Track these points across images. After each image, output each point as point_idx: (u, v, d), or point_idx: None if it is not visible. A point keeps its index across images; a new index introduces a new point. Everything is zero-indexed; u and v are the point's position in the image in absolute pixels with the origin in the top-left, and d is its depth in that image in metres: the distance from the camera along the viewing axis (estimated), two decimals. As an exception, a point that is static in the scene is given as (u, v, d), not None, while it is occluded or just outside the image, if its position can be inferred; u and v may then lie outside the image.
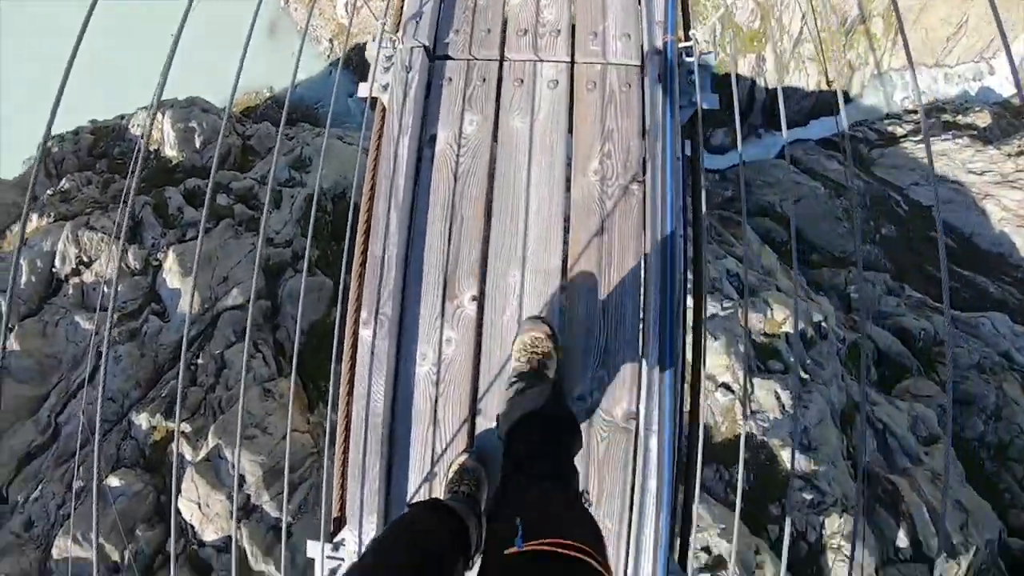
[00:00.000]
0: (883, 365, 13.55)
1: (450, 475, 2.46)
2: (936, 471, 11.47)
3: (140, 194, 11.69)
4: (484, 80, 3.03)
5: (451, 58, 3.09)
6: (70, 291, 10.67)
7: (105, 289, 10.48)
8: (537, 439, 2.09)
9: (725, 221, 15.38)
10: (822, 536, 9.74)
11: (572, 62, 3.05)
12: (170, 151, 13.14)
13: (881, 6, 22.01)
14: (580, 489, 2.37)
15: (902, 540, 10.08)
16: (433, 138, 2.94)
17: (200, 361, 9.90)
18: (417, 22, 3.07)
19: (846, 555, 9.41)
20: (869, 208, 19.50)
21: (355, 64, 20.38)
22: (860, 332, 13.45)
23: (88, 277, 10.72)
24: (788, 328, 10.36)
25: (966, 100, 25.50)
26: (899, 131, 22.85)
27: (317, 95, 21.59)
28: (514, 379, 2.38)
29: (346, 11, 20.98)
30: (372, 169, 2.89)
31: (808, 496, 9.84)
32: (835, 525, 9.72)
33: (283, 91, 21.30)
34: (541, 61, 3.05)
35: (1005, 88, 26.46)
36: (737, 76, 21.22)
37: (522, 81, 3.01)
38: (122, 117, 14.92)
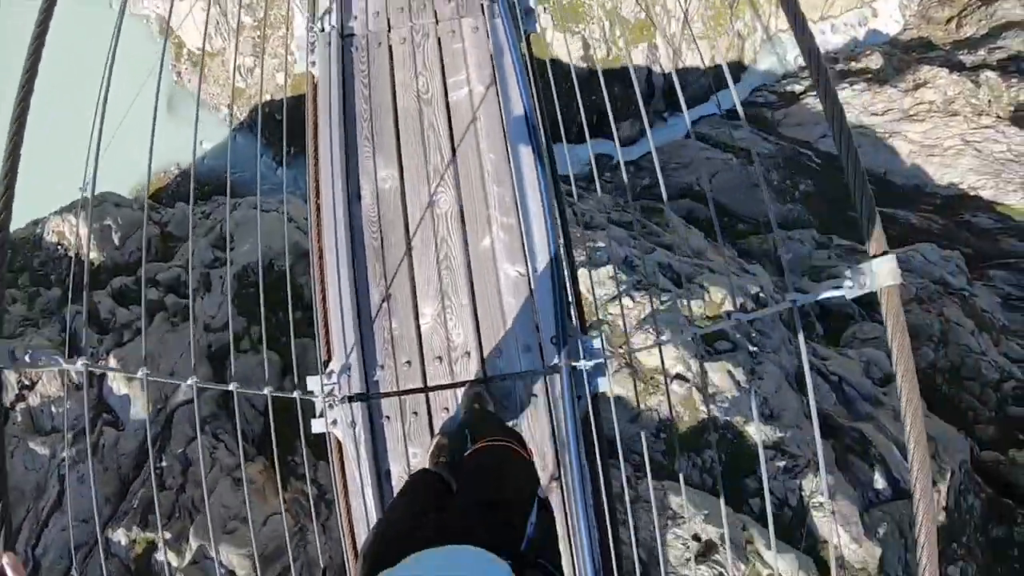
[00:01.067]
0: (826, 319, 13.98)
1: (431, 450, 3.14)
2: (897, 408, 11.84)
3: (70, 303, 11.48)
4: (416, 414, 3.46)
5: (384, 395, 3.50)
6: (19, 418, 10.41)
7: (53, 409, 10.29)
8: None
9: (648, 211, 15.66)
10: (802, 498, 9.99)
11: (486, 380, 3.46)
12: (90, 253, 12.90)
13: (759, -28, 22.74)
14: None
15: (879, 482, 10.40)
16: (388, 473, 3.39)
17: (164, 463, 9.78)
18: (348, 375, 3.45)
19: (829, 510, 9.69)
20: (783, 168, 20.09)
21: (258, 127, 20.23)
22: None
23: (34, 400, 10.45)
24: (728, 307, 10.65)
25: (856, 46, 26.46)
26: (797, 88, 23.59)
27: (225, 163, 21.08)
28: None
29: (240, 75, 20.82)
30: (347, 513, 3.40)
31: (781, 463, 10.10)
32: (812, 484, 9.99)
33: (190, 166, 20.92)
34: (459, 386, 3.47)
35: (891, 27, 27.51)
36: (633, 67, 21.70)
37: (447, 409, 3.44)
38: (36, 223, 14.58)
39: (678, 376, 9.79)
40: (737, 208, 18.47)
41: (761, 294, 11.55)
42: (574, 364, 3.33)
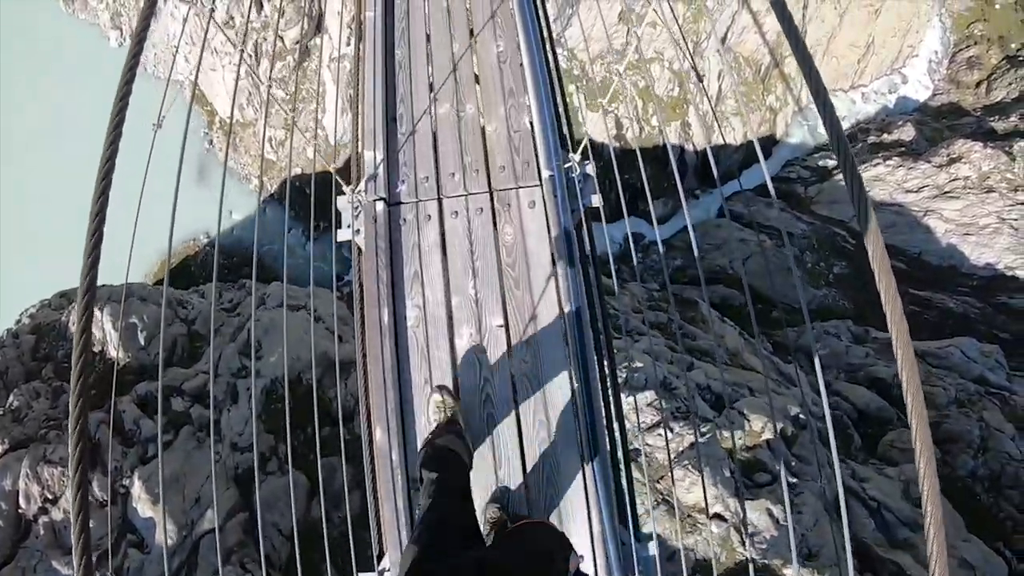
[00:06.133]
0: (863, 424, 13.57)
1: (432, 410, 3.37)
2: (937, 531, 11.39)
3: (92, 410, 11.26)
4: (429, 217, 4.03)
5: (403, 202, 4.06)
6: (41, 532, 10.19)
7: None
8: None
9: (683, 304, 15.29)
10: (845, 643, 9.60)
11: (491, 191, 4.08)
12: (114, 352, 12.60)
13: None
14: None
15: (920, 618, 10.04)
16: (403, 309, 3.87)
17: (187, 593, 9.53)
18: (374, 181, 3.90)
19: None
20: (817, 250, 19.74)
21: (289, 200, 20.09)
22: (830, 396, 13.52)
23: (57, 515, 10.23)
24: (768, 435, 10.31)
25: (887, 115, 26.19)
26: (830, 163, 23.28)
27: (254, 235, 20.43)
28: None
29: (271, 147, 20.76)
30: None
31: (821, 606, 9.70)
32: (854, 625, 9.59)
33: (219, 236, 20.46)
34: (469, 195, 4.09)
35: (921, 93, 27.27)
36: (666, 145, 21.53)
37: (456, 213, 4.05)
38: (63, 297, 14.37)
39: (716, 516, 9.45)
40: (771, 293, 17.99)
41: (801, 415, 11.19)
42: (566, 171, 3.63)
